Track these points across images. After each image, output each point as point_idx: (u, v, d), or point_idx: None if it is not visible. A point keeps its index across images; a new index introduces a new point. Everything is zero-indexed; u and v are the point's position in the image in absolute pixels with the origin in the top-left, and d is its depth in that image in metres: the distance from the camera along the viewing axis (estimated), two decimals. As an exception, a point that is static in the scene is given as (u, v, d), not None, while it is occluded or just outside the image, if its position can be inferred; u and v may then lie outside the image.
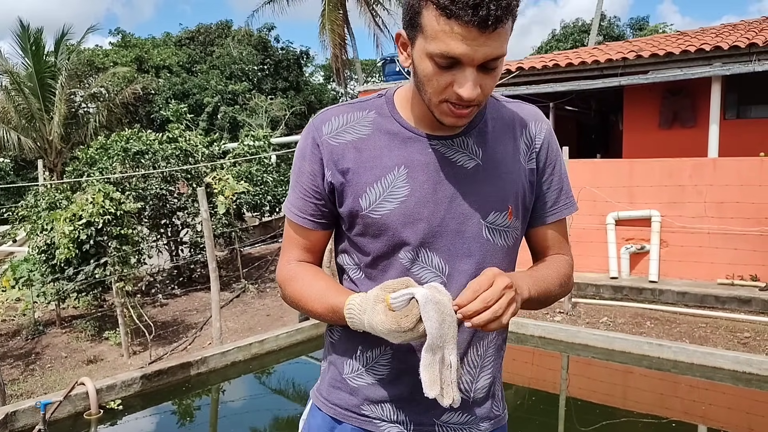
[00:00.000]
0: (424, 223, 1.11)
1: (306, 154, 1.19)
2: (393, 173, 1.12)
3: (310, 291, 1.16)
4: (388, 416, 1.18)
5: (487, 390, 1.22)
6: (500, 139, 1.19)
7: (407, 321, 0.97)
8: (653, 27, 28.83)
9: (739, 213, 6.72)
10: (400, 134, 1.15)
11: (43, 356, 5.32)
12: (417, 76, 1.06)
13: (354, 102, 1.22)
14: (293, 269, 1.22)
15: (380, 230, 1.12)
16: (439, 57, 0.99)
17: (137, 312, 5.46)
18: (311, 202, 1.19)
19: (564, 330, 5.80)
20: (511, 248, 1.21)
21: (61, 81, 15.96)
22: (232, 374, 5.14)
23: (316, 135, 1.18)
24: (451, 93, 1.02)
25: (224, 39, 29.80)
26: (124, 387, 4.45)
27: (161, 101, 23.66)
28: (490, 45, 0.97)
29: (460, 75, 1.00)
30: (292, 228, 1.24)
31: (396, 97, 1.21)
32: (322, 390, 1.28)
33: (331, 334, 1.27)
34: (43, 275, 5.82)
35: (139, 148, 7.72)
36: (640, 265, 7.37)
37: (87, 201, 5.39)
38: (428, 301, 0.97)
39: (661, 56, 7.76)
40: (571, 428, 4.18)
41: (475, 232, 1.14)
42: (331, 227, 1.23)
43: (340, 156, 1.15)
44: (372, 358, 1.18)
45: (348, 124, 1.17)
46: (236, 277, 8.12)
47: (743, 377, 4.75)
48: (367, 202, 1.12)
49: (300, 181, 1.19)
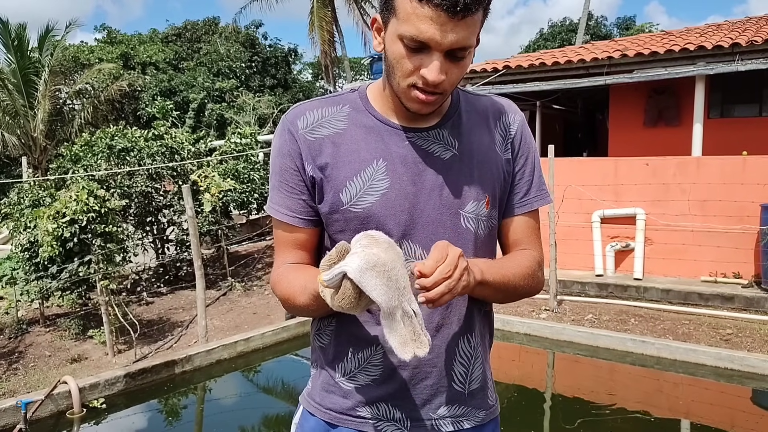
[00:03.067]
0: (406, 215, 1.12)
1: (285, 151, 1.17)
2: (372, 166, 1.12)
3: (295, 286, 1.14)
4: (385, 415, 1.17)
5: (481, 380, 1.23)
6: (475, 130, 1.21)
7: (346, 301, 0.92)
8: (639, 27, 29.05)
9: (723, 211, 6.79)
10: (375, 128, 1.16)
11: (26, 355, 5.27)
12: (387, 60, 1.07)
13: (326, 97, 1.21)
14: (281, 271, 1.20)
15: (362, 224, 1.11)
16: (409, 39, 1.00)
17: (122, 310, 5.41)
18: (300, 199, 1.17)
19: (549, 327, 5.84)
20: (489, 238, 1.22)
21: (44, 77, 15.79)
22: (217, 372, 5.12)
23: (292, 129, 1.16)
24: (418, 77, 1.04)
25: (211, 36, 29.63)
26: (108, 386, 4.42)
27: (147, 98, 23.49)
28: (458, 32, 0.99)
29: (427, 59, 1.02)
30: (281, 229, 1.21)
31: (369, 92, 1.21)
32: (314, 395, 1.25)
33: (320, 338, 1.25)
34: (27, 273, 5.75)
35: (124, 145, 7.66)
36: (625, 263, 7.43)
37: (71, 198, 5.34)
38: (363, 273, 0.90)
39: (646, 55, 7.83)
40: (556, 424, 4.21)
41: (454, 222, 1.15)
42: (320, 224, 1.20)
43: (317, 151, 1.14)
44: (364, 359, 1.17)
45: (323, 119, 1.17)
46: (223, 275, 8.09)
47: (725, 373, 4.80)
48: (347, 196, 1.12)
49: (284, 179, 1.17)
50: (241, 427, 4.36)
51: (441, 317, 1.15)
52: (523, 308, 6.49)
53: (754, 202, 6.51)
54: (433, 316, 1.14)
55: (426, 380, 1.16)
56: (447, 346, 1.17)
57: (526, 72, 8.79)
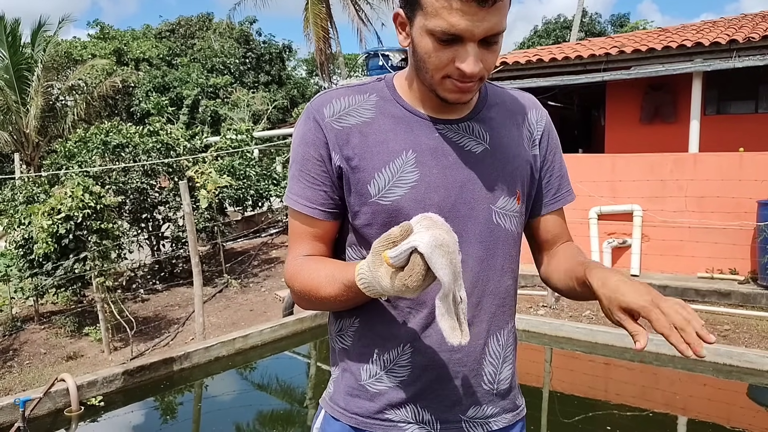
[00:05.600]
0: (435, 209, 1.07)
1: (309, 139, 1.12)
2: (401, 158, 1.09)
3: (318, 277, 1.08)
4: (414, 417, 1.13)
5: (509, 381, 1.21)
6: (505, 124, 1.18)
7: (414, 278, 0.88)
8: (634, 24, 29.13)
9: (720, 207, 6.81)
10: (404, 118, 1.12)
11: (21, 353, 5.22)
12: (417, 54, 1.04)
13: (352, 85, 1.17)
14: (298, 263, 1.15)
15: (390, 217, 1.08)
16: (440, 33, 0.97)
17: (118, 307, 5.37)
18: (321, 190, 1.12)
19: (548, 323, 5.84)
20: (519, 234, 1.20)
21: (37, 73, 15.67)
22: (215, 369, 5.09)
23: (318, 117, 1.12)
24: (453, 69, 1.01)
25: (205, 32, 29.49)
26: (106, 383, 4.38)
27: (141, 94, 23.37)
28: (489, 20, 0.97)
29: (462, 50, 0.99)
30: (299, 220, 1.16)
31: (396, 80, 1.17)
32: (338, 399, 1.20)
33: (342, 339, 1.20)
34: (21, 270, 5.70)
35: (119, 142, 7.61)
36: (622, 259, 7.44)
37: (66, 195, 5.29)
38: (434, 250, 0.86)
39: (644, 52, 7.83)
40: (555, 421, 4.21)
41: (485, 217, 1.12)
42: (340, 217, 1.15)
43: (344, 141, 1.10)
44: (390, 360, 1.12)
45: (350, 107, 1.13)
46: (219, 272, 8.05)
47: (723, 369, 4.81)
48: (375, 188, 1.08)
49: (306, 168, 1.12)
50: (240, 424, 4.33)
51: (471, 315, 1.12)
52: (521, 304, 6.49)
53: (752, 198, 6.53)
54: None
55: (455, 380, 1.12)
56: (477, 345, 1.14)
57: (523, 68, 8.77)
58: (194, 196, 7.27)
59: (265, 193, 10.74)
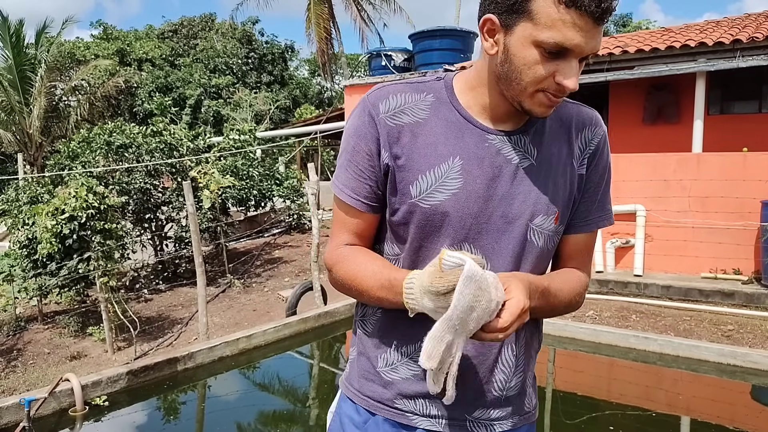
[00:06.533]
0: (472, 219, 1.09)
1: (362, 132, 1.13)
2: (447, 163, 1.09)
3: (365, 269, 1.12)
4: (421, 410, 1.17)
5: (519, 387, 1.21)
6: (556, 140, 1.17)
7: (440, 282, 0.93)
8: (636, 24, 29.08)
9: (723, 207, 6.79)
10: (457, 123, 1.12)
11: (25, 352, 5.23)
12: (510, 64, 1.02)
13: (411, 82, 1.17)
14: (345, 251, 1.18)
15: (426, 220, 1.09)
16: (553, 45, 0.97)
17: (121, 307, 5.38)
18: (367, 184, 1.14)
19: (551, 323, 5.82)
20: (549, 252, 1.19)
21: (40, 73, 15.71)
22: (219, 369, 5.10)
23: (373, 112, 1.13)
24: (551, 83, 1.01)
25: (208, 32, 29.53)
26: (110, 383, 4.39)
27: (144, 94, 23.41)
28: (597, 38, 0.99)
29: (566, 65, 0.99)
30: (343, 210, 1.19)
31: (456, 82, 1.16)
32: (353, 380, 1.25)
33: (364, 324, 1.24)
34: (25, 270, 5.71)
35: (122, 142, 7.61)
36: (625, 259, 7.43)
37: (70, 195, 5.30)
38: (471, 278, 0.90)
39: (647, 52, 7.81)
40: (558, 421, 4.20)
41: (520, 233, 1.12)
42: (382, 211, 1.17)
43: (395, 138, 1.11)
44: (407, 353, 1.16)
45: (406, 105, 1.13)
46: (222, 272, 8.06)
47: (727, 369, 4.81)
48: (417, 189, 1.09)
49: (354, 160, 1.14)
50: (243, 424, 4.34)
51: None
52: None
53: (755, 198, 6.52)
54: None
55: (466, 383, 1.14)
56: (491, 354, 1.16)
57: (525, 68, 8.76)
58: (197, 196, 7.28)
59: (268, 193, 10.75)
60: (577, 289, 1.20)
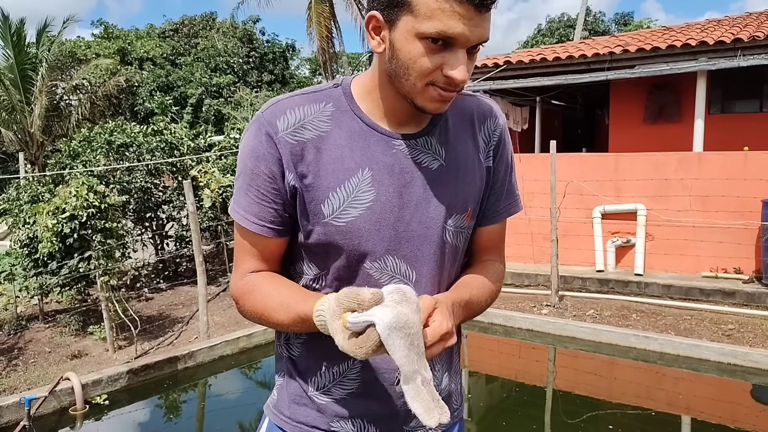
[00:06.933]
0: (391, 230, 1.05)
1: (260, 153, 1.05)
2: (357, 176, 1.04)
3: (273, 301, 1.05)
4: (359, 430, 1.12)
5: (447, 385, 1.21)
6: (461, 136, 1.15)
7: (362, 351, 0.87)
8: (638, 23, 29.05)
9: (724, 206, 6.79)
10: (361, 132, 1.07)
11: (26, 351, 5.24)
12: (398, 60, 0.99)
13: (307, 92, 1.11)
14: (251, 281, 1.10)
15: (345, 238, 1.04)
16: (435, 34, 0.93)
17: (122, 306, 5.39)
18: (270, 208, 1.06)
19: (551, 323, 5.83)
20: (463, 248, 1.18)
21: (42, 72, 15.71)
22: (219, 368, 5.10)
23: (270, 131, 1.05)
24: (439, 76, 0.98)
25: (209, 31, 29.53)
26: (110, 382, 4.40)
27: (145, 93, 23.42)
28: (483, 27, 0.96)
29: (452, 57, 0.96)
30: (246, 238, 1.10)
31: (354, 88, 1.11)
32: (282, 407, 1.18)
33: (289, 348, 1.16)
34: (26, 269, 5.72)
35: (123, 141, 7.62)
36: (626, 259, 7.43)
37: (70, 194, 5.30)
38: (392, 332, 0.85)
39: (648, 51, 7.80)
40: (559, 420, 4.21)
41: (438, 236, 1.10)
42: (289, 234, 1.11)
43: (299, 157, 1.04)
44: (339, 373, 1.11)
45: (306, 119, 1.06)
46: (222, 271, 8.06)
47: (728, 368, 4.81)
48: (330, 208, 1.04)
49: (255, 183, 1.06)
50: (244, 423, 4.34)
51: None
52: (525, 304, 6.49)
53: (756, 197, 6.51)
54: None
55: (400, 396, 1.09)
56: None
57: (526, 67, 8.76)
58: (198, 195, 7.28)
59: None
60: (494, 288, 1.20)
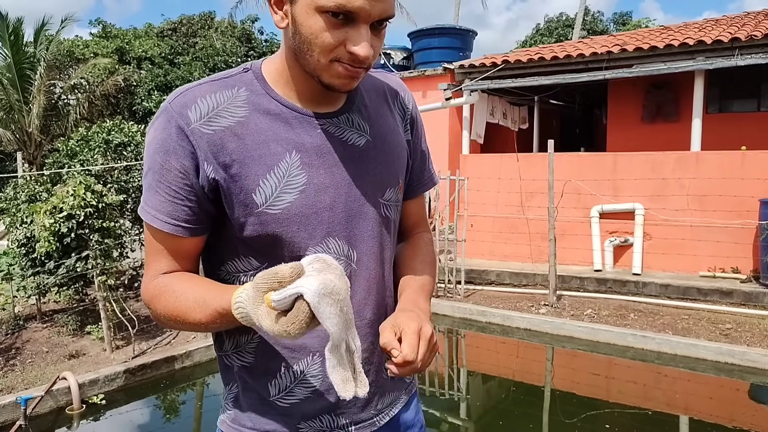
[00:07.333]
0: (328, 212, 1.02)
1: (170, 147, 0.98)
2: (285, 160, 1.00)
3: (186, 301, 0.97)
4: (329, 425, 1.09)
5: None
6: (380, 111, 1.14)
7: (296, 327, 0.81)
8: (636, 22, 29.05)
9: (722, 206, 6.80)
10: (282, 115, 1.02)
11: (23, 351, 5.23)
12: (300, 35, 0.95)
13: (216, 79, 1.04)
14: (162, 281, 1.03)
15: (282, 226, 1.00)
16: (334, 8, 0.90)
17: (120, 306, 5.38)
18: (184, 206, 0.99)
19: (549, 322, 5.84)
20: (397, 221, 1.19)
21: (40, 72, 15.69)
22: (216, 368, 5.09)
23: (181, 122, 0.98)
24: (343, 52, 0.94)
25: (207, 30, 29.50)
26: (107, 381, 4.39)
27: (143, 93, 23.39)
28: (385, 1, 0.93)
29: (354, 33, 0.93)
30: (157, 238, 1.03)
31: (264, 70, 1.06)
32: (243, 420, 1.10)
33: (241, 356, 1.09)
34: (23, 269, 5.71)
35: (121, 140, 7.61)
36: (623, 258, 7.44)
37: (68, 193, 5.29)
38: (321, 299, 0.81)
39: (646, 50, 7.81)
40: (556, 420, 4.21)
41: (375, 212, 1.09)
42: (207, 231, 1.05)
43: (219, 147, 0.98)
44: (301, 371, 1.06)
45: (219, 107, 1.00)
46: (220, 271, 8.05)
47: (725, 368, 4.81)
48: (262, 197, 0.98)
49: (165, 180, 0.99)
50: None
51: (372, 313, 1.10)
52: (522, 303, 6.49)
53: (754, 197, 6.52)
54: (364, 311, 1.08)
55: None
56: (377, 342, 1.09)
57: (525, 67, 8.76)
58: (196, 194, 7.27)
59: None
60: (434, 259, 1.24)
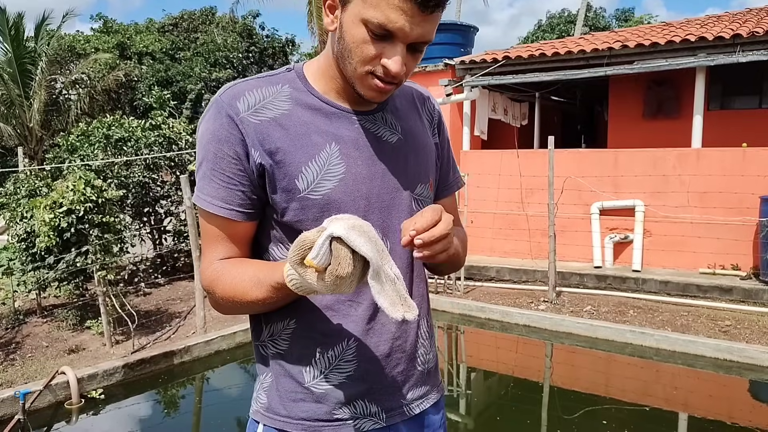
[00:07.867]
0: (363, 200, 1.09)
1: (222, 136, 1.06)
2: (326, 150, 1.08)
3: (243, 281, 1.04)
4: (362, 412, 1.12)
5: (434, 359, 1.25)
6: (410, 114, 1.23)
7: (344, 268, 0.86)
8: (638, 18, 28.94)
9: (722, 203, 6.79)
10: (322, 109, 1.11)
11: (23, 346, 5.24)
12: (343, 41, 1.02)
13: (262, 76, 1.13)
14: (217, 267, 1.10)
15: (321, 211, 1.06)
16: (375, 26, 0.97)
17: (120, 301, 5.39)
18: (238, 190, 1.07)
19: (548, 318, 5.84)
20: None
21: (41, 67, 15.69)
22: (216, 363, 5.11)
23: (231, 112, 1.06)
24: (378, 66, 1.02)
25: (208, 26, 29.45)
26: (106, 376, 4.40)
27: (144, 88, 23.38)
28: (424, 27, 0.99)
29: (391, 48, 1.00)
30: (214, 223, 1.10)
31: (307, 71, 1.15)
32: (277, 408, 1.14)
33: (276, 344, 1.14)
34: (23, 264, 5.72)
35: (121, 135, 7.61)
36: (623, 255, 7.43)
37: (68, 188, 5.30)
38: (349, 231, 0.87)
39: (647, 46, 7.78)
40: (555, 416, 4.21)
41: (406, 205, 1.15)
42: (258, 217, 1.11)
43: (265, 135, 1.06)
44: (336, 356, 1.10)
45: (265, 100, 1.08)
46: (220, 266, 8.06)
47: (724, 364, 4.81)
48: (304, 183, 1.06)
49: (219, 167, 1.06)
50: (240, 418, 4.35)
51: None
52: (522, 299, 6.49)
53: (754, 194, 6.51)
54: None
55: (398, 367, 1.15)
56: (413, 329, 1.17)
57: (525, 63, 8.74)
58: (196, 190, 7.27)
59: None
60: (465, 246, 1.30)
